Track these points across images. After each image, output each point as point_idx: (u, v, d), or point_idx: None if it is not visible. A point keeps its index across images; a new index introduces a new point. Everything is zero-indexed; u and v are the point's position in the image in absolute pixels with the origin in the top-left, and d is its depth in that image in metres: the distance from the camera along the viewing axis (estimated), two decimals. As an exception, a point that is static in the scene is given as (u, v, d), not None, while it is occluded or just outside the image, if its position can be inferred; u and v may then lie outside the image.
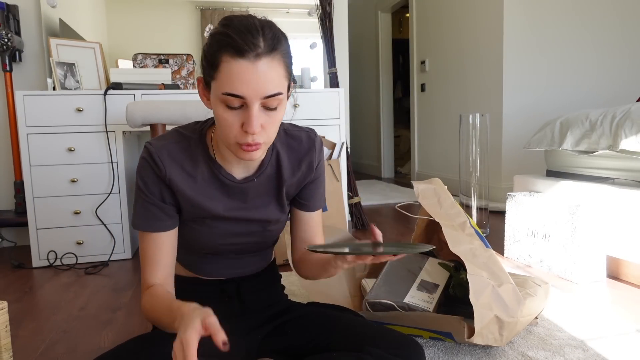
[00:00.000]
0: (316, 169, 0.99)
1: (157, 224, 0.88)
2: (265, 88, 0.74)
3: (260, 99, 0.75)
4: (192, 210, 0.90)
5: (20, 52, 2.50)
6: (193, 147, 0.88)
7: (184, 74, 2.64)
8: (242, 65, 0.73)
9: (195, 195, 0.88)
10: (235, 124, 0.77)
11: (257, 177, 0.92)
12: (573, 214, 1.71)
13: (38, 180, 2.13)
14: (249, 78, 0.73)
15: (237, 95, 0.74)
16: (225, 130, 0.78)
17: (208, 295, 1.00)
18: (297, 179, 0.97)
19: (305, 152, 0.96)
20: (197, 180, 0.88)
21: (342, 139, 2.49)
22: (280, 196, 0.97)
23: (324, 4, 2.73)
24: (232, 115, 0.77)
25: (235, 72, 0.73)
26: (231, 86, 0.74)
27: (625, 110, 1.75)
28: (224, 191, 0.91)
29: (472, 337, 1.08)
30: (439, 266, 1.42)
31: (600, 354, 1.17)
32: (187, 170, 0.87)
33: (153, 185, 0.86)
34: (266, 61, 0.74)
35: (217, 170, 0.89)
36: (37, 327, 1.48)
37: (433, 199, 1.36)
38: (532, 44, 3.36)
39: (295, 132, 0.97)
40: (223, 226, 0.93)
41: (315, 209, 1.03)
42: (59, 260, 2.18)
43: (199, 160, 0.88)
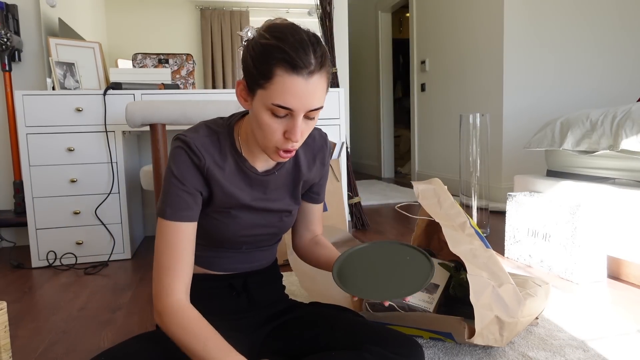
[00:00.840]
0: (326, 165, 1.08)
1: (188, 213, 0.88)
2: (312, 103, 0.81)
3: (306, 111, 0.82)
4: (224, 198, 0.93)
5: (19, 52, 2.50)
6: (222, 140, 0.93)
7: (183, 74, 2.64)
8: (296, 81, 0.78)
9: (226, 183, 0.92)
10: (279, 131, 0.83)
11: (277, 170, 0.98)
12: (573, 214, 1.71)
13: (37, 180, 2.13)
14: (301, 94, 0.79)
15: (288, 108, 0.80)
16: (267, 135, 0.84)
17: (217, 290, 1.02)
18: (312, 173, 1.05)
19: (318, 149, 1.05)
20: (225, 171, 0.93)
21: (342, 139, 2.48)
22: (296, 189, 1.03)
23: (324, 3, 2.73)
24: (277, 123, 0.82)
25: (289, 87, 0.78)
26: (284, 99, 0.79)
27: (626, 110, 1.75)
28: (247, 182, 0.96)
29: (472, 337, 1.08)
30: (439, 266, 1.42)
31: (601, 354, 1.17)
32: (217, 162, 0.91)
33: (189, 173, 0.88)
34: (316, 78, 0.80)
35: (242, 163, 0.94)
36: (36, 327, 1.48)
37: (433, 199, 1.36)
38: (533, 44, 3.36)
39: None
40: (246, 217, 0.97)
41: (322, 201, 1.13)
42: (59, 261, 2.17)
43: (227, 153, 0.93)
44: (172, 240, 0.86)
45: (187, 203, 0.88)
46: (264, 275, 1.08)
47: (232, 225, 0.96)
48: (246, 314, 1.04)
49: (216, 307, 1.01)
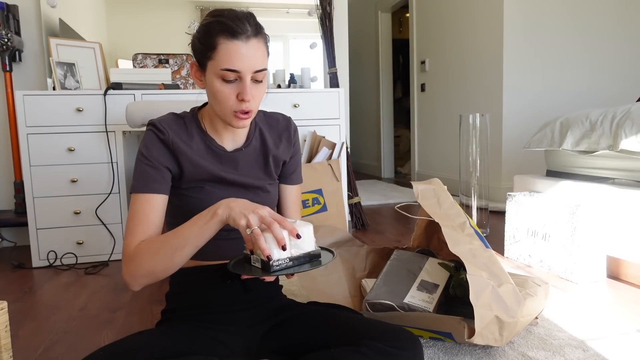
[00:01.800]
0: (294, 146, 1.14)
1: (154, 185, 0.95)
2: (255, 63, 0.91)
3: (251, 72, 0.91)
4: (193, 170, 0.98)
5: (20, 52, 2.50)
6: (187, 123, 1.02)
7: (184, 74, 2.64)
8: (237, 45, 0.89)
9: (194, 156, 0.99)
10: (232, 95, 0.92)
11: (245, 147, 1.05)
12: (573, 214, 1.71)
13: (38, 180, 2.13)
14: (243, 55, 0.89)
15: (234, 70, 0.90)
16: (222, 101, 0.93)
17: (212, 281, 1.02)
18: (280, 150, 1.11)
19: (283, 129, 1.12)
20: (192, 149, 1.00)
21: (342, 139, 2.49)
22: (268, 165, 1.09)
23: (324, 4, 2.73)
24: (229, 87, 0.92)
25: (232, 51, 0.89)
26: (230, 62, 0.89)
27: (626, 110, 1.75)
28: (216, 160, 1.02)
29: (472, 337, 1.08)
30: (439, 266, 1.42)
31: (601, 354, 1.17)
32: (183, 140, 0.99)
33: (155, 149, 0.96)
34: (254, 42, 0.91)
35: (210, 142, 1.01)
36: (37, 327, 1.48)
37: (432, 199, 1.36)
38: (533, 44, 3.36)
39: (272, 114, 1.15)
40: (220, 192, 1.02)
41: (296, 182, 1.17)
42: (59, 260, 2.18)
43: (193, 133, 1.01)
44: (138, 209, 0.94)
45: (152, 176, 0.95)
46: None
47: (208, 200, 0.99)
48: (242, 306, 1.03)
49: (211, 299, 1.02)
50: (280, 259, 0.83)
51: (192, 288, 1.01)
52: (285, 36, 2.98)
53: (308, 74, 2.68)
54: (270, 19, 2.99)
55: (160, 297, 1.73)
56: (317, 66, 2.93)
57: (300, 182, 1.20)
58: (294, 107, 2.41)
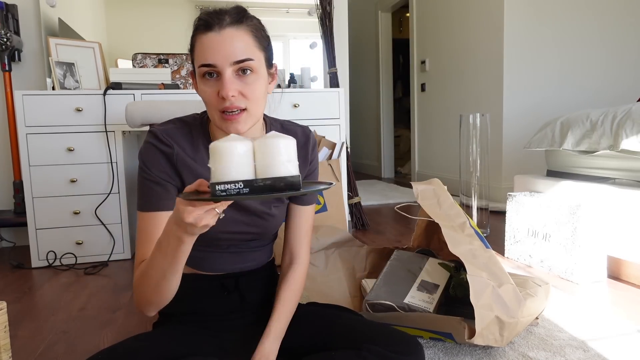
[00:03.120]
0: (311, 164, 1.03)
1: (160, 203, 0.89)
2: (233, 53, 0.81)
3: (230, 64, 0.82)
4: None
5: (19, 52, 2.49)
6: (194, 132, 0.92)
7: (183, 74, 2.64)
8: (209, 36, 0.82)
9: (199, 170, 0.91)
10: (214, 93, 0.83)
11: None
12: (574, 214, 1.71)
13: (37, 180, 2.12)
14: (216, 46, 0.81)
15: (209, 64, 0.82)
16: (207, 103, 0.85)
17: (208, 290, 1.00)
18: None
19: (300, 146, 1.00)
20: (197, 163, 0.91)
21: (342, 139, 2.48)
22: None
23: (324, 3, 2.73)
24: (209, 86, 0.83)
25: (204, 43, 0.82)
26: (203, 56, 0.82)
27: (626, 110, 1.74)
28: None
29: (472, 337, 1.08)
30: (439, 266, 1.42)
31: (601, 354, 1.16)
32: (187, 153, 0.90)
33: (157, 163, 0.89)
34: (231, 30, 0.82)
35: None
36: (36, 327, 1.47)
37: (432, 199, 1.36)
38: (533, 44, 3.36)
39: (291, 126, 1.02)
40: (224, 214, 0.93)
41: (308, 203, 1.05)
42: (59, 261, 2.17)
43: (199, 145, 0.92)
44: (144, 229, 0.89)
45: (157, 193, 0.89)
46: (258, 275, 1.06)
47: None
48: (239, 314, 1.02)
49: (207, 307, 1.00)
50: (230, 182, 0.60)
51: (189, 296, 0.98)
52: (285, 36, 2.98)
53: (308, 74, 2.68)
54: (270, 19, 2.98)
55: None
56: (317, 66, 2.93)
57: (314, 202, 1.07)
58: (294, 107, 2.40)
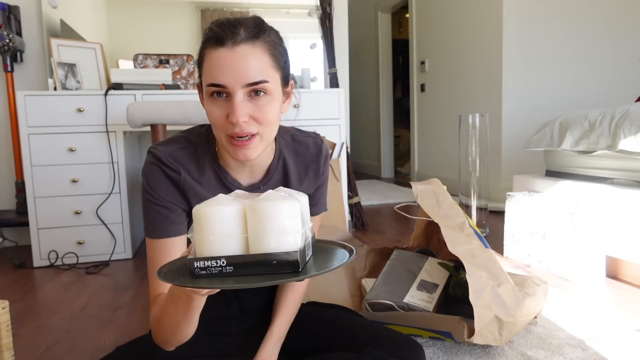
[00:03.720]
0: (322, 176, 0.97)
1: (170, 228, 0.83)
2: (245, 75, 0.72)
3: (242, 86, 0.73)
4: None
5: (21, 53, 2.50)
6: (200, 153, 0.86)
7: (184, 74, 2.65)
8: (220, 53, 0.72)
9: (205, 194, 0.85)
10: (222, 115, 0.74)
11: (264, 184, 0.89)
12: (572, 214, 1.72)
13: (39, 180, 2.13)
14: (228, 65, 0.72)
15: (218, 85, 0.73)
16: (214, 125, 0.77)
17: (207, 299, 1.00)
18: (304, 186, 0.94)
19: (312, 159, 0.94)
20: (203, 185, 0.86)
21: (342, 139, 2.49)
22: None
23: (324, 4, 2.74)
24: (218, 107, 0.75)
25: (215, 61, 0.73)
26: (212, 75, 0.73)
27: (624, 111, 1.75)
28: None
29: (472, 337, 1.09)
30: (438, 266, 1.42)
31: (599, 353, 1.17)
32: (193, 176, 0.85)
33: (162, 188, 0.83)
34: (245, 47, 0.72)
35: (224, 177, 0.87)
36: (38, 326, 1.48)
37: (432, 199, 1.37)
38: (532, 44, 3.37)
39: (302, 137, 0.96)
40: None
41: (318, 212, 1.02)
42: (60, 260, 2.18)
43: (205, 166, 0.86)
44: (154, 257, 0.84)
45: (165, 217, 0.83)
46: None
47: None
48: (239, 320, 1.01)
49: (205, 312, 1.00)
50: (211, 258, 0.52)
51: None
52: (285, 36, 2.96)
53: (308, 74, 2.69)
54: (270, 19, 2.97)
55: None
56: (317, 66, 2.94)
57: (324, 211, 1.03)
58: (294, 107, 2.41)
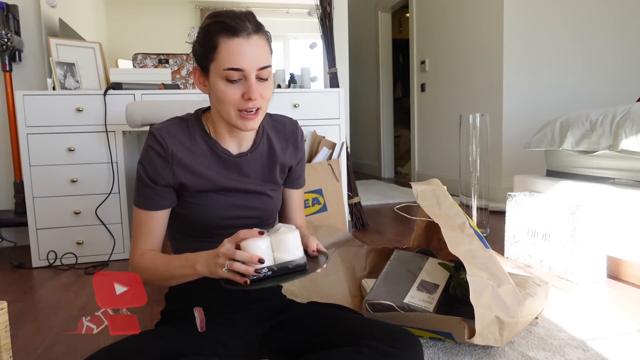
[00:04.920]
0: (300, 151, 1.12)
1: (155, 203, 0.97)
2: (258, 60, 0.89)
3: (256, 70, 0.89)
4: (194, 180, 0.97)
5: (20, 52, 2.50)
6: (191, 126, 0.99)
7: (183, 74, 2.64)
8: (238, 43, 0.87)
9: (195, 165, 0.97)
10: (237, 94, 0.89)
11: (250, 152, 1.02)
12: (573, 214, 1.71)
13: (38, 180, 2.13)
14: (246, 53, 0.88)
15: (238, 69, 0.88)
16: (228, 103, 0.90)
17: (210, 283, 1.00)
18: (287, 156, 1.08)
19: (290, 133, 1.09)
20: (195, 154, 0.97)
21: (342, 139, 2.49)
22: (273, 172, 1.06)
23: (324, 4, 2.73)
24: (233, 88, 0.89)
25: (233, 49, 0.87)
26: (233, 61, 0.87)
27: (626, 110, 1.75)
28: (220, 164, 0.99)
29: (472, 337, 1.08)
30: (439, 266, 1.42)
31: (601, 354, 1.17)
32: (186, 146, 0.96)
33: (153, 167, 0.95)
34: (256, 39, 0.89)
35: (214, 146, 0.99)
36: (36, 327, 1.48)
37: (432, 199, 1.36)
38: (533, 44, 3.36)
39: (279, 117, 1.12)
40: (225, 199, 1.00)
41: (301, 186, 1.16)
42: (59, 260, 2.18)
43: (196, 137, 0.98)
44: (141, 222, 0.98)
45: (152, 195, 0.96)
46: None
47: (211, 207, 0.98)
48: (242, 307, 1.03)
49: (210, 301, 1.01)
50: (258, 270, 0.83)
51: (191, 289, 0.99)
52: (285, 36, 2.98)
53: (308, 74, 2.68)
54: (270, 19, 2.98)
55: (160, 297, 1.72)
56: (317, 66, 2.93)
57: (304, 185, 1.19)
58: (294, 107, 2.41)
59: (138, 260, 0.97)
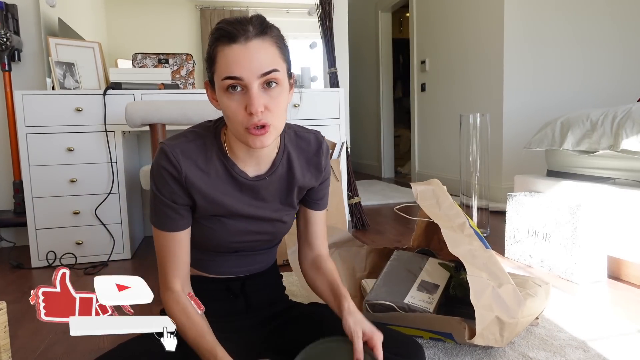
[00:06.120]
0: (324, 171, 1.02)
1: (171, 224, 0.90)
2: (259, 66, 0.79)
3: (257, 77, 0.79)
4: (207, 206, 0.91)
5: (19, 52, 2.49)
6: (208, 145, 0.91)
7: (183, 74, 2.64)
8: (235, 49, 0.79)
9: (210, 190, 0.90)
10: (240, 108, 0.80)
11: (269, 175, 0.94)
12: (574, 214, 1.71)
13: (37, 180, 2.12)
14: (242, 59, 0.79)
15: (235, 77, 0.79)
16: (232, 118, 0.82)
17: (214, 293, 1.00)
18: (307, 179, 0.99)
19: (313, 153, 1.00)
20: (210, 176, 0.90)
21: (342, 139, 2.48)
22: (291, 195, 0.99)
23: (324, 3, 2.73)
24: (236, 100, 0.81)
25: (229, 56, 0.79)
26: (228, 70, 0.79)
27: (626, 110, 1.74)
28: (236, 188, 0.93)
29: (473, 338, 1.08)
30: (439, 266, 1.41)
31: (601, 354, 1.16)
32: (200, 167, 0.89)
33: (167, 187, 0.88)
34: (256, 42, 0.80)
35: (231, 168, 0.91)
36: (36, 327, 1.47)
37: (432, 200, 1.36)
38: (533, 44, 3.36)
39: (304, 133, 1.01)
40: (236, 224, 0.95)
41: (324, 207, 1.07)
42: (58, 261, 2.17)
43: (212, 157, 0.90)
44: (163, 245, 0.92)
45: (169, 215, 0.90)
46: (263, 277, 1.06)
47: (221, 231, 0.94)
48: (243, 316, 1.03)
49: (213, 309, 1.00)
50: None
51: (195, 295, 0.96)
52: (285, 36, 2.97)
53: (308, 74, 2.68)
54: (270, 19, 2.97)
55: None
56: (317, 66, 2.92)
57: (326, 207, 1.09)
58: (294, 107, 2.40)
59: (172, 305, 0.90)
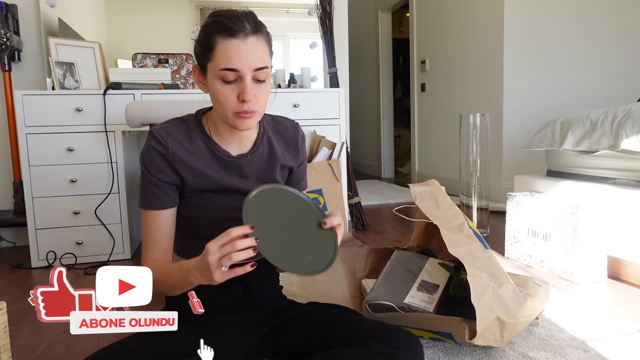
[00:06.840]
0: (301, 153, 1.12)
1: (159, 202, 0.97)
2: (255, 61, 0.88)
3: (252, 71, 0.88)
4: (194, 180, 0.97)
5: (19, 52, 2.49)
6: (191, 128, 0.99)
7: (183, 74, 2.64)
8: (234, 43, 0.87)
9: (196, 165, 0.97)
10: (232, 95, 0.89)
11: (250, 154, 1.02)
12: (574, 214, 1.71)
13: (37, 180, 2.12)
14: (241, 53, 0.87)
15: (233, 69, 0.87)
16: (223, 103, 0.90)
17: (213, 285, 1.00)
18: (287, 158, 1.08)
19: (291, 136, 1.10)
20: (195, 155, 0.98)
21: (342, 139, 2.48)
22: (273, 173, 1.06)
23: (324, 3, 2.73)
24: (229, 89, 0.89)
25: (230, 50, 0.87)
26: (228, 62, 0.87)
27: (626, 110, 1.74)
28: (220, 166, 1.00)
29: (473, 338, 1.08)
30: (439, 266, 1.42)
31: (601, 354, 1.16)
32: (185, 147, 0.97)
33: (155, 165, 0.95)
34: (253, 39, 0.89)
35: (214, 147, 0.99)
36: (36, 327, 1.47)
37: (430, 201, 1.36)
38: (533, 44, 3.36)
39: (281, 119, 1.12)
40: (224, 199, 0.99)
41: (303, 189, 1.16)
42: (58, 261, 2.17)
43: (196, 138, 0.99)
44: (148, 224, 0.98)
45: (155, 193, 0.96)
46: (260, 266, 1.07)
47: (212, 208, 0.99)
48: (242, 307, 1.03)
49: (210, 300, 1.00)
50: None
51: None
52: (285, 36, 2.98)
53: (308, 74, 2.68)
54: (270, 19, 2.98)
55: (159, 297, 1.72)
56: (317, 66, 2.93)
57: (306, 188, 1.18)
58: (294, 107, 2.40)
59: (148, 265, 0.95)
